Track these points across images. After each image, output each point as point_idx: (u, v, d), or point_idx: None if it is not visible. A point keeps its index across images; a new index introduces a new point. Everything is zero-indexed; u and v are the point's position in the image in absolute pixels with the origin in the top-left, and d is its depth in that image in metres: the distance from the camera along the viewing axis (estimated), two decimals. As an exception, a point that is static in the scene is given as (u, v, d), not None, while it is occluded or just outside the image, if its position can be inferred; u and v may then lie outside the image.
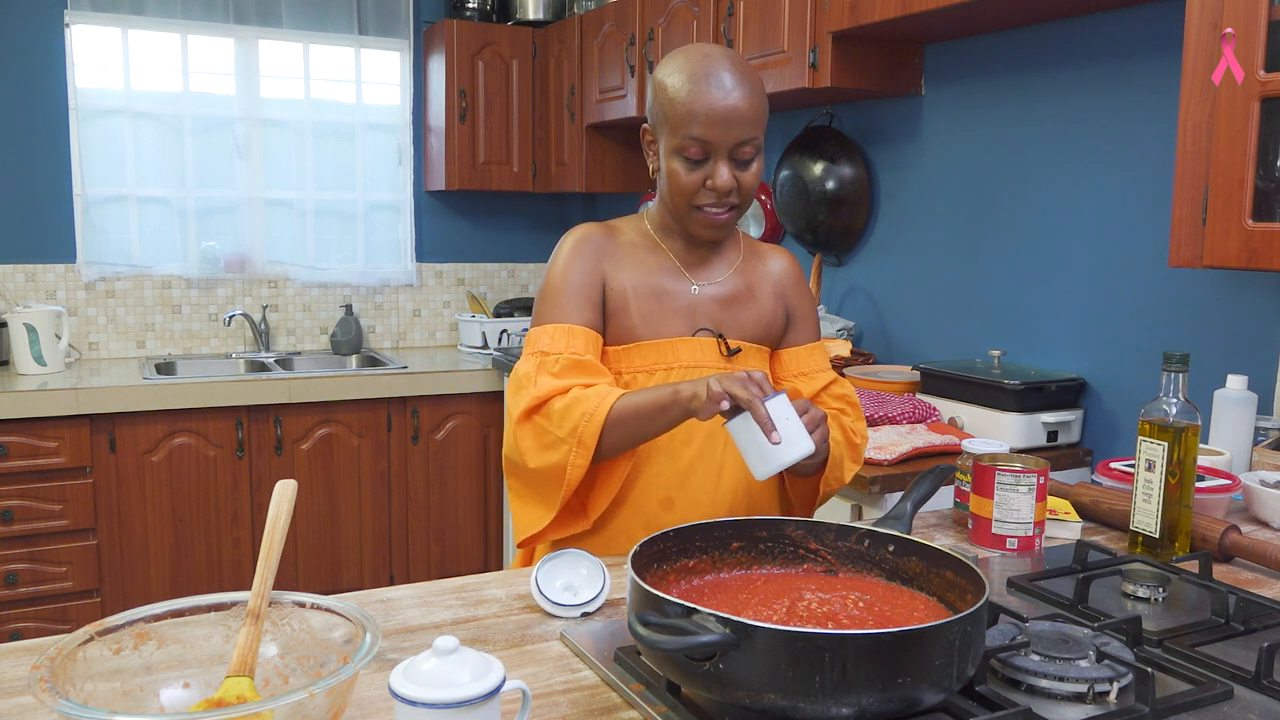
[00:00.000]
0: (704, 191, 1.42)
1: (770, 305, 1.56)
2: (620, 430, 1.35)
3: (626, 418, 1.34)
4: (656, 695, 0.96)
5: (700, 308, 1.51)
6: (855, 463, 1.55)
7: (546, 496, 1.42)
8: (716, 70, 1.39)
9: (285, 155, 3.90)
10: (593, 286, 1.48)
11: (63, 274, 3.63)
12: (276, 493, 0.98)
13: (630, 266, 1.50)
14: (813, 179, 2.95)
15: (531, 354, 1.44)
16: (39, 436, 3.06)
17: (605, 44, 3.47)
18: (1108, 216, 2.27)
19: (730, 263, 1.55)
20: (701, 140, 1.39)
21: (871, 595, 1.06)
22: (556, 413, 1.37)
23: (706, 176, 1.41)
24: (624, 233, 1.54)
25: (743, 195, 1.44)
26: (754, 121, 1.40)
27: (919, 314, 2.80)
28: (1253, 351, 1.98)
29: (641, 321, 1.48)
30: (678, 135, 1.40)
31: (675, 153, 1.42)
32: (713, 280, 1.53)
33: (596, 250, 1.50)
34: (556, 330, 1.44)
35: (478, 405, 3.70)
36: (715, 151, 1.40)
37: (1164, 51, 2.11)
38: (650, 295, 1.49)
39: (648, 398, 1.34)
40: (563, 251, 1.50)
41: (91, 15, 3.56)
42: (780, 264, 1.60)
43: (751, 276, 1.56)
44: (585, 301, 1.47)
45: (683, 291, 1.51)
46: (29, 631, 3.09)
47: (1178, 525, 1.38)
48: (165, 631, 0.91)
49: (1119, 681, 0.97)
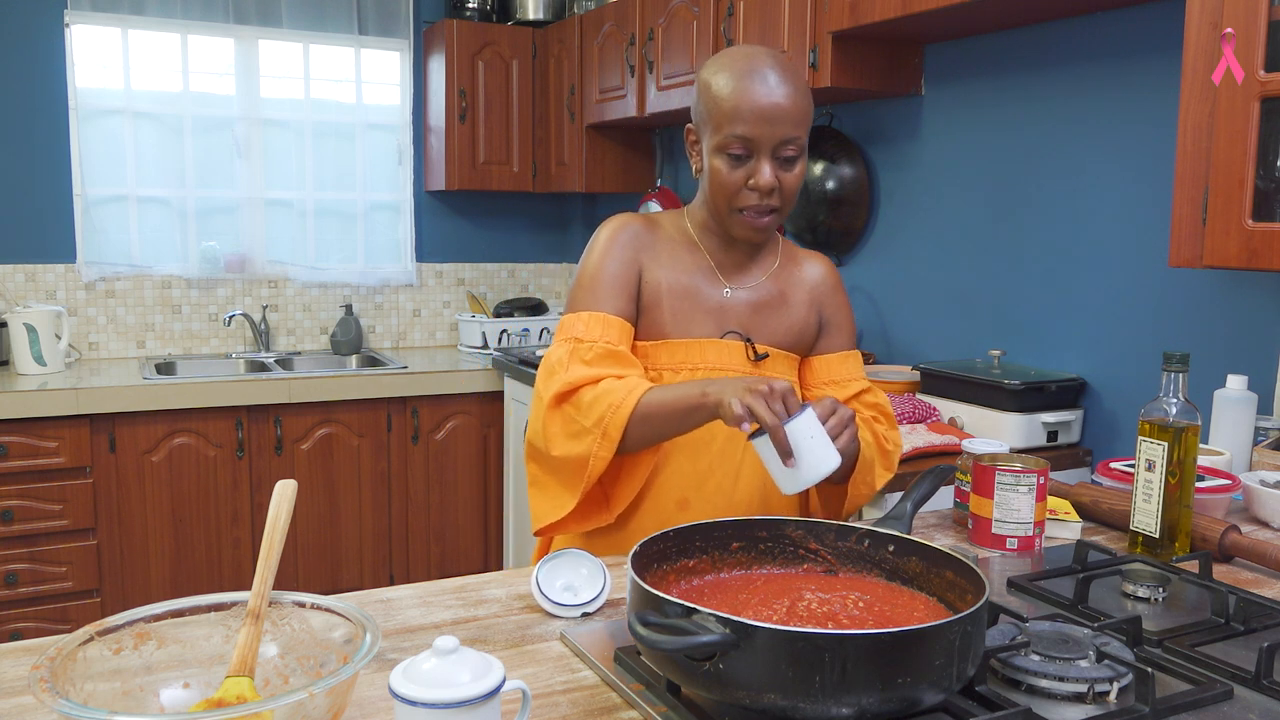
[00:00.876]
0: (746, 191, 1.41)
1: (803, 313, 1.55)
2: (646, 426, 1.34)
3: (653, 413, 1.34)
4: (656, 695, 0.96)
5: (730, 311, 1.50)
6: (887, 470, 1.53)
7: (568, 485, 1.41)
8: (762, 68, 1.39)
9: (285, 155, 3.91)
10: (629, 277, 1.48)
11: (63, 274, 3.63)
12: (276, 493, 0.98)
13: (667, 262, 1.50)
14: (813, 179, 2.95)
15: (565, 340, 1.43)
16: (39, 436, 3.06)
17: (605, 44, 3.47)
18: (1108, 216, 2.27)
19: (766, 268, 1.55)
20: (744, 137, 1.38)
21: (871, 595, 1.06)
22: (585, 403, 1.36)
23: (749, 175, 1.40)
24: (664, 227, 1.53)
25: (785, 197, 1.43)
26: (798, 121, 1.40)
27: (919, 314, 2.80)
28: (1253, 351, 1.98)
29: (672, 319, 1.48)
30: (721, 132, 1.40)
31: (718, 150, 1.41)
32: (746, 284, 1.53)
33: (635, 241, 1.49)
34: (592, 318, 1.44)
35: (478, 405, 3.70)
36: (758, 149, 1.39)
37: (1164, 51, 2.11)
38: (683, 294, 1.49)
39: (675, 395, 1.33)
40: (600, 239, 1.50)
41: (91, 15, 3.56)
42: (817, 271, 1.59)
43: (786, 283, 1.55)
44: (621, 291, 1.46)
45: (715, 293, 1.51)
46: (29, 631, 3.09)
47: (1178, 525, 1.38)
48: (165, 631, 0.91)
49: (1119, 681, 0.97)
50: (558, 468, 1.41)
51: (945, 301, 2.71)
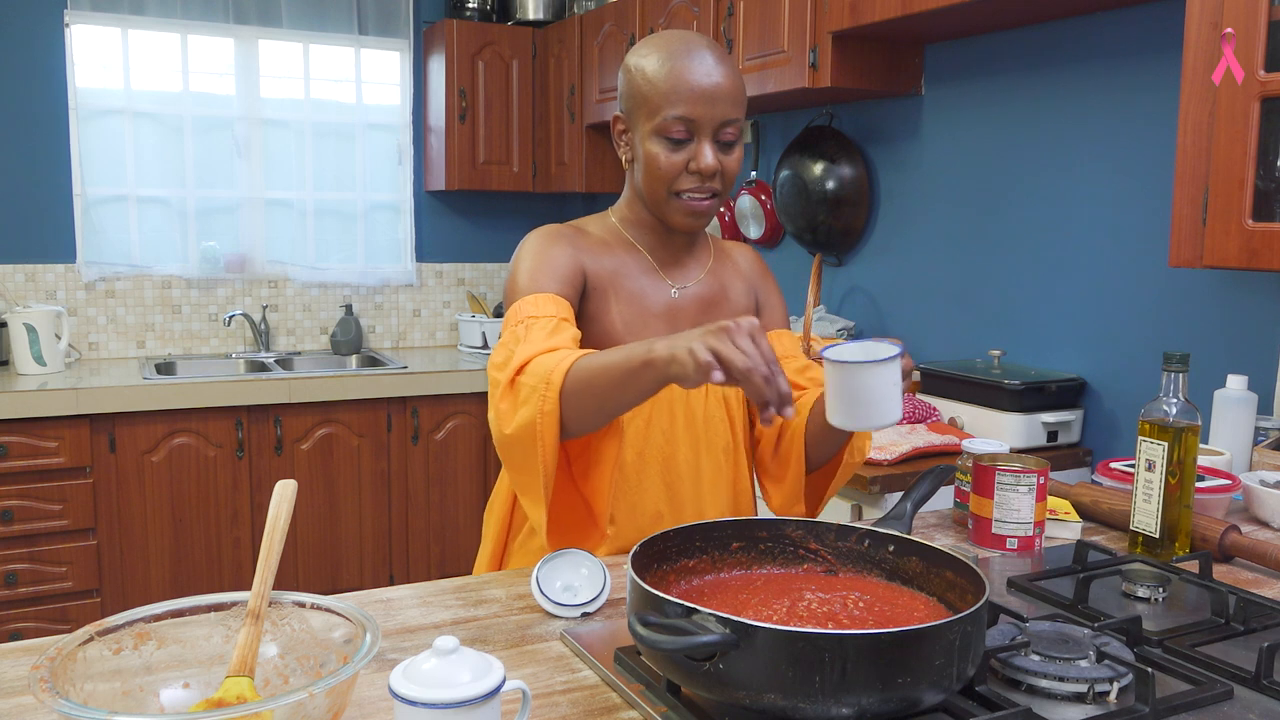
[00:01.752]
0: (686, 175, 1.35)
1: (744, 303, 1.53)
2: (588, 391, 1.18)
3: (594, 374, 1.17)
4: (656, 695, 0.96)
5: (681, 311, 1.46)
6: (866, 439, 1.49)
7: (529, 466, 1.24)
8: (697, 49, 1.35)
9: (285, 155, 3.91)
10: (573, 270, 1.38)
11: (63, 274, 3.63)
12: (276, 493, 0.98)
13: (608, 264, 1.42)
14: (813, 179, 2.95)
15: (517, 324, 1.31)
16: (39, 436, 3.06)
17: (605, 44, 3.47)
18: (1108, 216, 2.27)
19: (703, 263, 1.51)
20: (685, 119, 1.33)
21: (871, 595, 1.06)
22: (531, 370, 1.23)
23: (690, 158, 1.34)
24: (591, 231, 1.46)
25: (725, 180, 1.37)
26: (737, 102, 1.36)
27: (919, 314, 2.80)
28: (1253, 351, 1.98)
29: (623, 324, 1.42)
30: (659, 115, 1.33)
31: (656, 134, 1.35)
32: (689, 281, 1.48)
33: (570, 242, 1.41)
34: (540, 298, 1.33)
35: (478, 405, 3.70)
36: (699, 131, 1.34)
37: (1164, 51, 2.11)
38: (630, 298, 1.43)
39: (618, 356, 1.16)
40: (530, 242, 1.41)
41: (91, 15, 3.56)
42: (745, 258, 1.57)
43: (724, 276, 1.52)
44: (566, 281, 1.36)
45: (662, 294, 1.45)
46: (29, 631, 3.09)
47: (1178, 525, 1.38)
48: (165, 631, 0.91)
49: (1119, 681, 0.97)
50: (514, 450, 1.25)
51: (945, 301, 2.71)
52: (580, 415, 1.21)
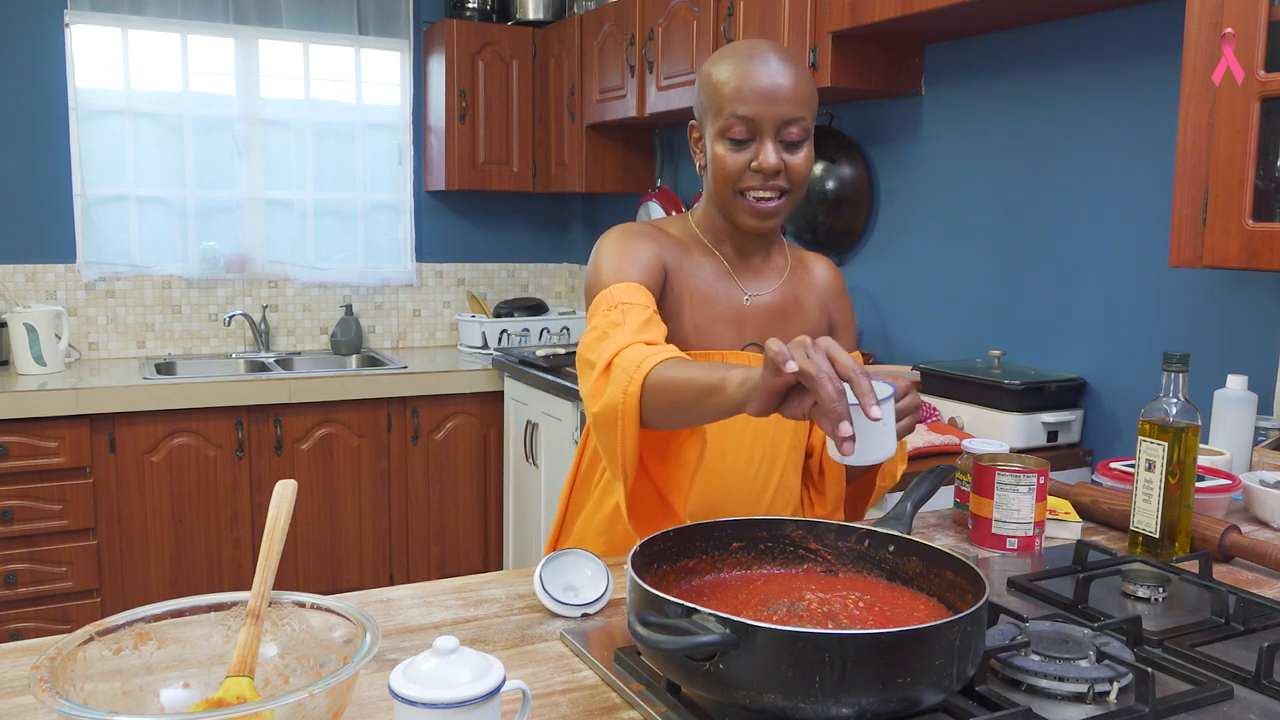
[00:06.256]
0: (749, 174, 1.37)
1: (816, 317, 1.53)
2: (665, 393, 1.18)
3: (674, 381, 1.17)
4: (656, 695, 0.96)
5: (750, 319, 1.47)
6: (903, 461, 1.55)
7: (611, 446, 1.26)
8: (762, 53, 1.37)
9: (285, 155, 3.91)
10: (656, 266, 1.40)
11: (63, 274, 3.63)
12: (276, 493, 0.98)
13: (685, 265, 1.44)
14: (813, 179, 2.95)
15: (610, 308, 1.32)
16: (39, 436, 3.06)
17: (605, 44, 3.47)
18: (1108, 216, 2.27)
19: (780, 272, 1.51)
20: (746, 118, 1.34)
21: (871, 595, 1.06)
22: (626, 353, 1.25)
23: (752, 158, 1.36)
24: (670, 232, 1.48)
25: (793, 180, 1.37)
26: (801, 101, 1.36)
27: (919, 314, 2.80)
28: (1253, 351, 1.98)
29: (694, 330, 1.43)
30: (722, 116, 1.36)
31: (720, 136, 1.37)
32: (763, 290, 1.49)
33: (652, 239, 1.43)
34: (631, 286, 1.34)
35: (478, 405, 3.70)
36: (761, 130, 1.35)
37: (1164, 51, 2.11)
38: (703, 302, 1.44)
39: (698, 372, 1.15)
40: (611, 237, 1.42)
41: (91, 15, 3.56)
42: (824, 273, 1.57)
43: (799, 287, 1.52)
44: (649, 276, 1.38)
45: (734, 301, 1.46)
46: (29, 631, 3.09)
47: (1178, 525, 1.38)
48: (165, 631, 0.91)
49: (1119, 681, 0.97)
50: (599, 427, 1.26)
51: (945, 301, 2.71)
52: (657, 412, 1.21)
